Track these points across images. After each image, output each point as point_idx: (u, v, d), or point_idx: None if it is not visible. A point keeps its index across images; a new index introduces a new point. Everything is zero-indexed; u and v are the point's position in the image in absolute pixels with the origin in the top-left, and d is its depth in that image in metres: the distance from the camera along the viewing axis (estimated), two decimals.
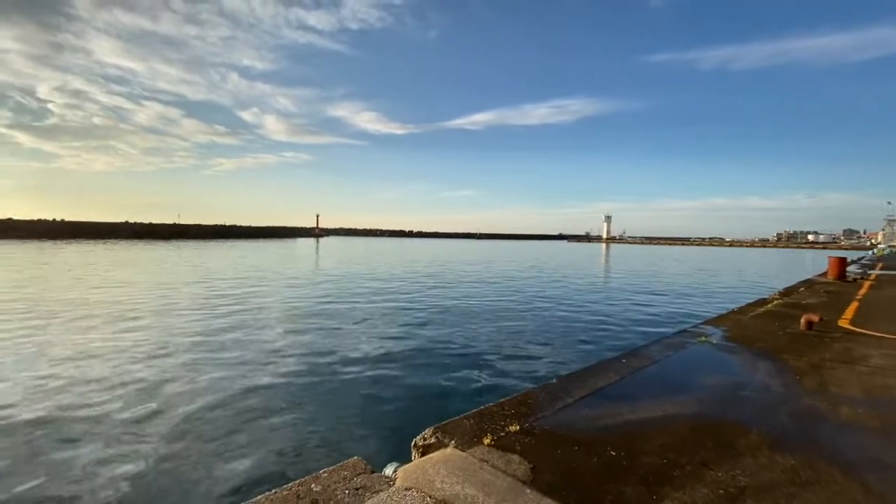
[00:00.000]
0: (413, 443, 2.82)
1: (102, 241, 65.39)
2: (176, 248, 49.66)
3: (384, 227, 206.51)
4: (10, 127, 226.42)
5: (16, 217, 77.19)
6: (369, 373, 7.50)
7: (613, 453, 2.60)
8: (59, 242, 56.26)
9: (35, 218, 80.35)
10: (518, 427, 2.89)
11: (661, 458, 2.56)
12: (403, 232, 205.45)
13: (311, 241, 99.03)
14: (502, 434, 2.79)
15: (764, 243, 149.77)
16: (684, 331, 6.39)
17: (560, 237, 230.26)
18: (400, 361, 8.20)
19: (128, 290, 16.84)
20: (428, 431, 2.82)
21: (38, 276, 20.42)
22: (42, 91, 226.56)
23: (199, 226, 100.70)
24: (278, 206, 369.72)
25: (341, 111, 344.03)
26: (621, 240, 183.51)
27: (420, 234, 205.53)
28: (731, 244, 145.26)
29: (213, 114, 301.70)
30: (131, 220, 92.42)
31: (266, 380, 7.06)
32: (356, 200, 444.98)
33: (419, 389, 6.80)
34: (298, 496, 2.21)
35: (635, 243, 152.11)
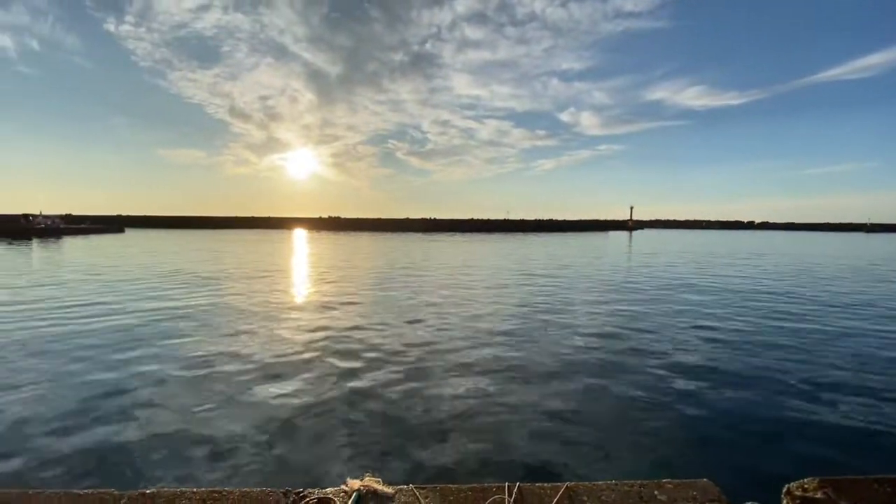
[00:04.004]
0: (786, 489, 2.23)
1: (454, 233, 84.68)
2: (502, 239, 58.81)
3: (711, 218, 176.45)
4: (407, 154, 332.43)
5: (412, 217, 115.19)
6: (714, 385, 6.59)
7: None
8: (433, 234, 77.06)
9: (419, 217, 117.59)
10: None
11: None
12: (740, 223, 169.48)
13: (624, 234, 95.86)
14: None
15: None
16: None
17: None
18: (767, 385, 6.79)
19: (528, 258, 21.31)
20: (811, 482, 2.16)
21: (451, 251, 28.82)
22: (424, 125, 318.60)
23: (522, 221, 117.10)
24: (592, 199, 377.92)
25: (660, 93, 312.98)
26: None
27: (764, 226, 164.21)
28: None
29: (535, 121, 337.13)
30: (474, 218, 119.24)
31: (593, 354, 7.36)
32: (675, 189, 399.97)
33: (787, 420, 5.44)
34: (641, 497, 2.13)
35: None
